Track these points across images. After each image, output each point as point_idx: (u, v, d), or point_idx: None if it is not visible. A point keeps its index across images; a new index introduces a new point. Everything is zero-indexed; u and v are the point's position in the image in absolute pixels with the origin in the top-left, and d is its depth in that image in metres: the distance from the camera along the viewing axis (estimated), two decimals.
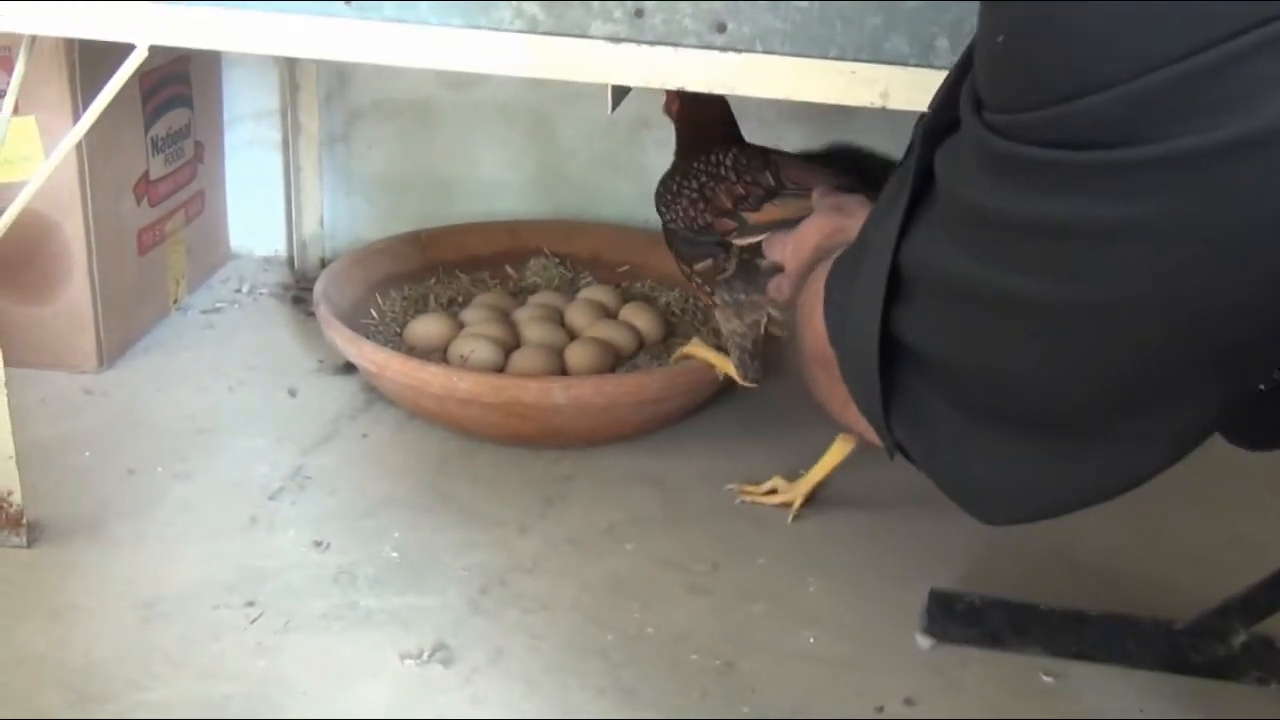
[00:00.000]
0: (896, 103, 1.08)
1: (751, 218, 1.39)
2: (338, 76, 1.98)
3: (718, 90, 1.11)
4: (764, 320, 1.43)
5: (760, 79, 1.09)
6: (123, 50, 1.17)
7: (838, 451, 1.46)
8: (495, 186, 2.01)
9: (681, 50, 1.09)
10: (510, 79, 1.93)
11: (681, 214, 1.44)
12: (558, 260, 1.90)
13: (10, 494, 1.33)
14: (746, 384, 1.47)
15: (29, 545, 1.35)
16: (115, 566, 1.33)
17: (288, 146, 1.99)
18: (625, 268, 1.89)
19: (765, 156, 1.41)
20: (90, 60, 1.55)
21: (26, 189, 1.26)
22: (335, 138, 2.01)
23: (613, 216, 1.94)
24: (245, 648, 1.23)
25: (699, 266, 1.45)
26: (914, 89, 1.07)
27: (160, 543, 1.37)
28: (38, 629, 1.23)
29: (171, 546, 1.37)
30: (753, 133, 1.53)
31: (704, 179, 1.43)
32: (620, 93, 1.16)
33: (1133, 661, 1.26)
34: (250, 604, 1.28)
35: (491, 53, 1.12)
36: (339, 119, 2.01)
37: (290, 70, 1.93)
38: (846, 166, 1.44)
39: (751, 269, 1.41)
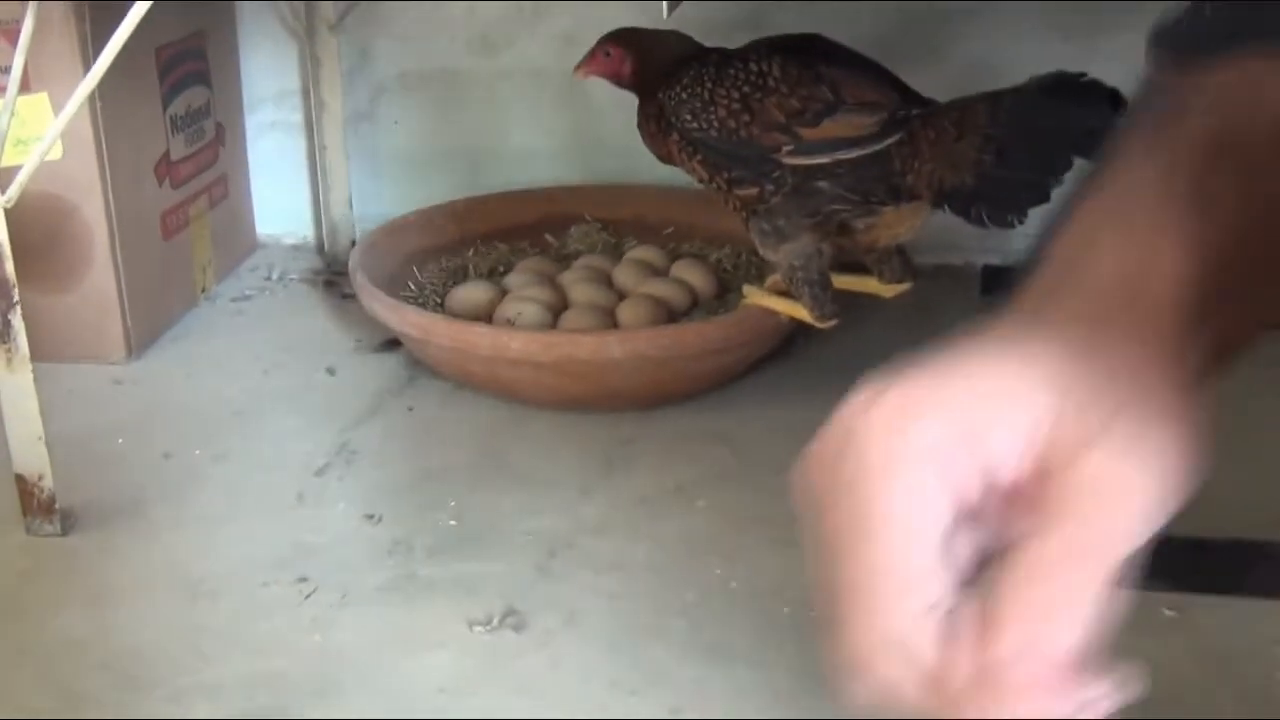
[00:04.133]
0: None
1: (807, 134, 1.30)
2: (359, 51, 1.90)
3: None
4: (822, 248, 1.34)
5: None
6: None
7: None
8: (529, 155, 1.93)
9: None
10: (538, 43, 1.87)
11: (717, 123, 1.34)
12: (600, 225, 1.82)
13: (41, 478, 1.25)
14: (824, 324, 1.38)
15: (64, 533, 1.26)
16: (156, 549, 1.25)
17: (311, 127, 1.92)
18: (670, 229, 1.80)
19: (815, 69, 1.32)
20: (102, 32, 1.47)
21: (39, 146, 1.18)
22: (360, 115, 1.93)
23: (653, 178, 1.85)
24: (300, 623, 1.14)
25: (741, 192, 1.36)
26: None
27: (202, 523, 1.29)
28: (78, 615, 1.15)
29: (214, 527, 1.28)
30: None
31: (747, 89, 1.33)
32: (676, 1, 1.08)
33: (1263, 591, 1.15)
34: (303, 579, 1.19)
35: None
36: (363, 95, 1.93)
37: (310, 45, 1.85)
38: (896, 83, 1.35)
39: (805, 192, 1.32)
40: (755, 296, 1.47)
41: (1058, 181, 1.24)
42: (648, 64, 1.45)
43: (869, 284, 1.43)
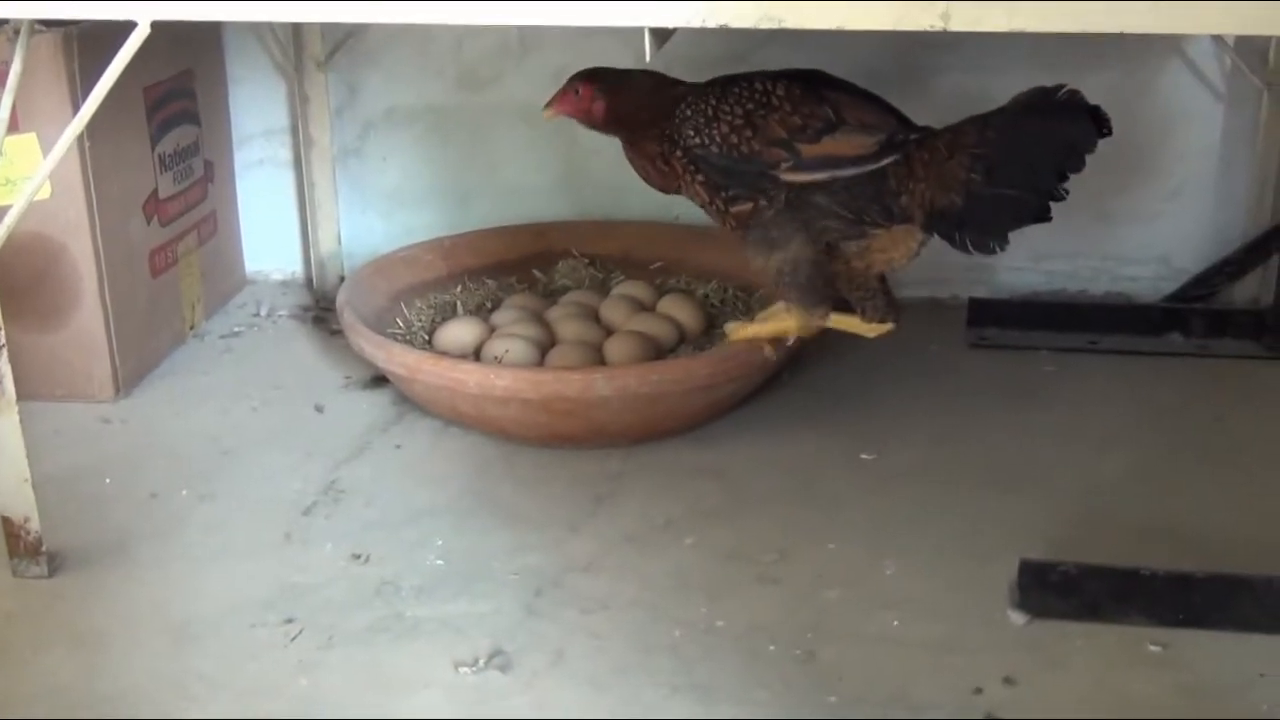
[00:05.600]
0: (959, 23, 1.00)
1: (807, 150, 1.33)
2: (348, 88, 1.91)
3: (765, 25, 1.03)
4: (811, 253, 1.36)
5: (811, 9, 1.01)
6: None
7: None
8: (517, 191, 1.94)
9: None
10: (525, 79, 1.88)
11: (719, 139, 1.37)
12: (587, 261, 1.82)
13: (27, 520, 1.25)
14: (816, 324, 1.39)
15: (50, 575, 1.26)
16: (142, 590, 1.24)
17: (300, 164, 1.92)
18: (658, 265, 1.80)
19: (818, 91, 1.36)
20: (90, 71, 1.48)
21: (28, 187, 1.18)
22: (349, 151, 1.94)
23: (642, 214, 1.86)
24: (286, 665, 1.13)
25: (736, 209, 1.38)
26: (977, 6, 0.99)
27: (188, 564, 1.29)
28: (62, 658, 1.14)
29: (201, 567, 1.28)
30: None
31: (751, 106, 1.37)
32: (661, 35, 1.08)
33: (1247, 625, 1.16)
34: (289, 621, 1.19)
35: (524, 2, 1.04)
36: (352, 131, 1.93)
37: (299, 83, 1.86)
38: (895, 111, 1.38)
39: (800, 205, 1.34)
40: (737, 331, 1.48)
41: (1041, 199, 1.26)
42: (621, 102, 1.46)
43: (852, 323, 1.44)
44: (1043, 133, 1.26)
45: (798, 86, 1.37)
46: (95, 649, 1.16)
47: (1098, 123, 1.23)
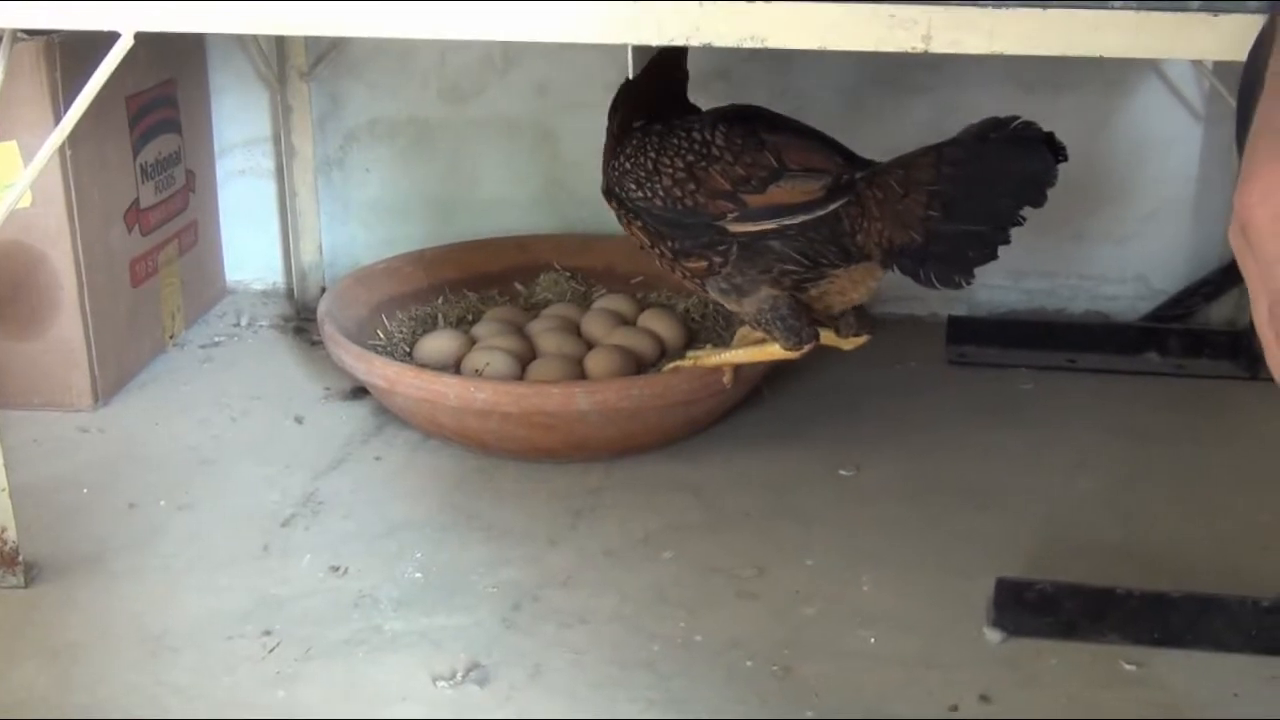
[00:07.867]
0: (940, 45, 1.01)
1: (753, 200, 1.32)
2: (331, 99, 1.91)
3: (748, 44, 1.03)
4: (782, 290, 1.35)
5: (794, 29, 1.02)
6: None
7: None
8: (499, 204, 1.94)
9: (708, 2, 1.02)
10: (508, 92, 1.89)
11: (662, 193, 1.36)
12: (569, 274, 1.82)
13: (4, 530, 1.24)
14: (800, 352, 1.37)
15: (26, 585, 1.26)
16: (118, 601, 1.24)
17: (282, 174, 1.92)
18: (639, 279, 1.81)
19: (758, 136, 1.34)
20: (72, 80, 1.48)
21: (9, 196, 1.18)
22: (331, 162, 1.94)
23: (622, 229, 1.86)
24: (263, 678, 1.13)
25: (690, 265, 1.37)
26: (958, 28, 1.00)
27: (166, 575, 1.28)
28: (38, 669, 1.14)
29: (178, 578, 1.28)
30: None
31: (691, 158, 1.35)
32: (643, 54, 1.09)
33: (1221, 644, 1.17)
34: (266, 633, 1.19)
35: (507, 17, 1.05)
36: (334, 142, 1.93)
37: (282, 93, 1.86)
38: (839, 148, 1.37)
39: (753, 252, 1.33)
40: (705, 357, 1.46)
41: (1004, 234, 1.23)
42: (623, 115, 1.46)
43: (829, 337, 1.44)
44: (1001, 168, 1.23)
45: (737, 133, 1.34)
46: (71, 660, 1.15)
47: (1053, 150, 1.20)
